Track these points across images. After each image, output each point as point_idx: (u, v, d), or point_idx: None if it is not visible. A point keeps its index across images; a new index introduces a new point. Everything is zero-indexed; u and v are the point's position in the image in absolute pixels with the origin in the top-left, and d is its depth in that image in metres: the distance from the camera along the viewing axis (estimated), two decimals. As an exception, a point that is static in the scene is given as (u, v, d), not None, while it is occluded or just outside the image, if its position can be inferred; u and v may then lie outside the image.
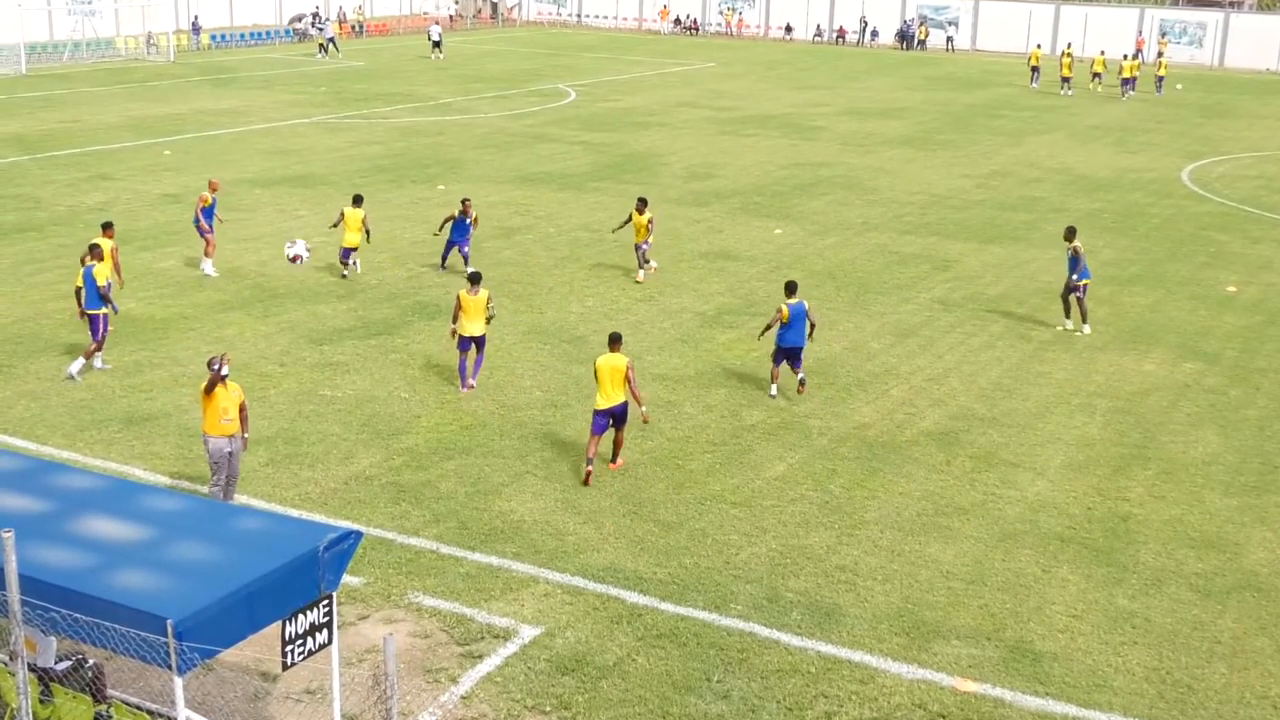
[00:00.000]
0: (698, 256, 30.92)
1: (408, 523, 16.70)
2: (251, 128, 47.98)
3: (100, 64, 67.69)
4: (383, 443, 19.26)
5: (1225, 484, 18.77)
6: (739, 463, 18.96)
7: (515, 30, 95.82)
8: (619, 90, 62.41)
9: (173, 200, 34.87)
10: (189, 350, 22.91)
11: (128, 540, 10.83)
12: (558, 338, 24.34)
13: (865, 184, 40.59)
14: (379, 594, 14.89)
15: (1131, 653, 14.21)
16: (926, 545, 16.56)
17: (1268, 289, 29.43)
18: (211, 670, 12.81)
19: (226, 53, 75.57)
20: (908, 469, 18.94)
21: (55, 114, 50.12)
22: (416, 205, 35.47)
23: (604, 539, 16.43)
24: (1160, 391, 22.57)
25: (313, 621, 10.71)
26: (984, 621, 14.77)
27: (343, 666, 12.55)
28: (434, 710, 12.72)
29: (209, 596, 9.86)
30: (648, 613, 14.68)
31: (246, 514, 12.26)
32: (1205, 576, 15.97)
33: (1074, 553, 16.48)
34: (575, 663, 13.61)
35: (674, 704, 12.94)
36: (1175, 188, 41.85)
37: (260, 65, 68.50)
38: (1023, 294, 28.50)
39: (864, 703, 13.08)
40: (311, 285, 27.34)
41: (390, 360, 22.81)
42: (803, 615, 14.74)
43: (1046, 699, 13.28)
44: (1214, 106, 62.89)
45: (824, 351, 23.87)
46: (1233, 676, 13.82)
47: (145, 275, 27.71)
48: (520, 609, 14.67)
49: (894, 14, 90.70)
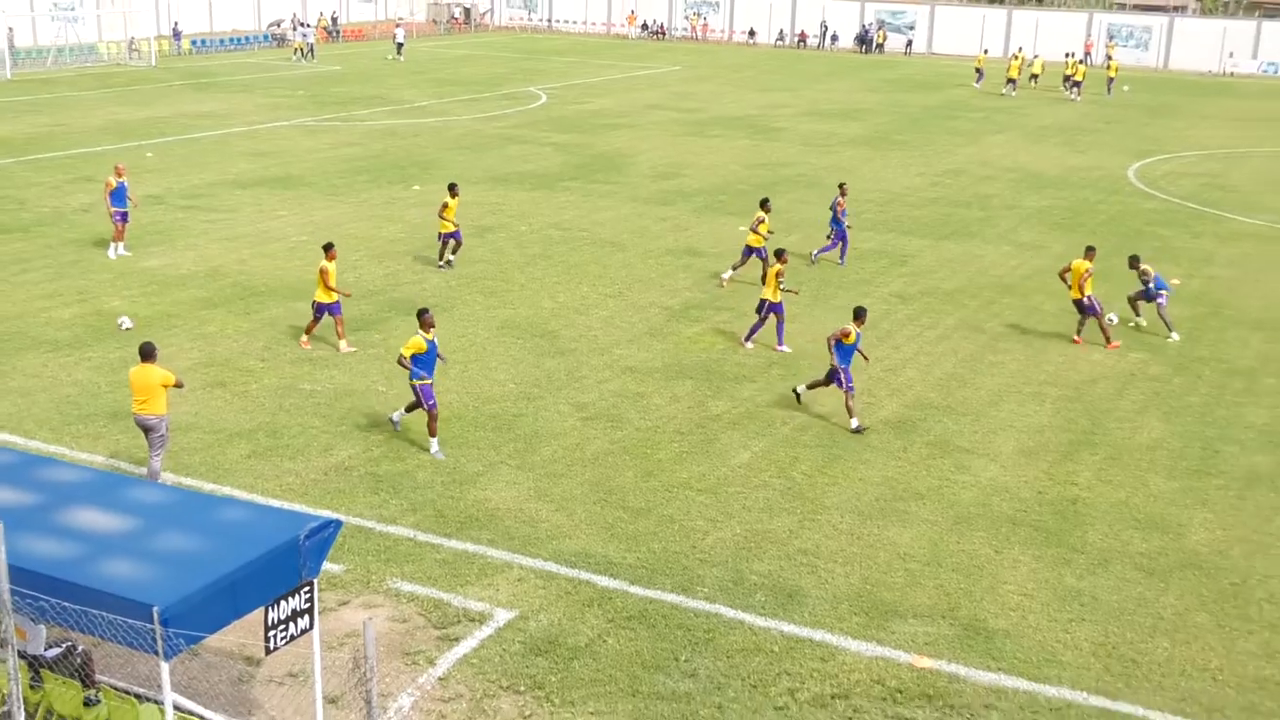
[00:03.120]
0: (665, 253, 30.97)
1: (386, 511, 16.71)
2: (232, 130, 47.73)
3: (84, 69, 67.17)
4: (361, 435, 19.26)
5: (1169, 468, 18.96)
6: (705, 451, 19.04)
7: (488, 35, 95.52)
8: (588, 93, 62.34)
9: (156, 201, 34.67)
10: (173, 347, 22.80)
11: (114, 531, 10.81)
12: (530, 332, 24.36)
13: (826, 183, 40.63)
14: (359, 580, 14.91)
15: (1079, 629, 14.36)
16: (884, 529, 16.68)
17: (1210, 282, 29.71)
18: (197, 655, 12.80)
19: (207, 57, 75.08)
20: (866, 456, 19.05)
21: (40, 118, 49.73)
22: (393, 205, 35.39)
23: (575, 525, 16.48)
24: (1107, 380, 22.77)
25: (294, 607, 10.72)
26: (939, 601, 14.89)
27: (324, 650, 12.58)
28: (412, 691, 12.75)
29: (193, 584, 9.86)
30: (618, 596, 14.74)
31: (229, 504, 12.26)
32: (1149, 556, 16.14)
33: (1025, 535, 16.63)
34: (548, 644, 13.66)
35: (643, 683, 13.01)
36: (1122, 185, 42.15)
37: (240, 70, 68.11)
38: (976, 288, 28.68)
39: (825, 680, 13.18)
40: (291, 283, 27.26)
41: (368, 355, 22.78)
42: (766, 597, 14.83)
43: (999, 674, 13.41)
44: (1159, 107, 63.30)
45: (789, 343, 23.96)
46: (1175, 650, 13.98)
47: (128, 274, 27.58)
48: (495, 593, 14.70)
49: (853, 19, 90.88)
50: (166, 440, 16.68)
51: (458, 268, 28.73)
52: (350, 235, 31.45)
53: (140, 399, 16.34)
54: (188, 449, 18.45)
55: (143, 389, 16.30)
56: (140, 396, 16.34)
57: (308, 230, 32.10)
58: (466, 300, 26.34)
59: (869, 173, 42.85)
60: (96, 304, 25.28)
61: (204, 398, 20.53)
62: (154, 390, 16.28)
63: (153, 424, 16.38)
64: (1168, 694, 13.16)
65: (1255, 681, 13.46)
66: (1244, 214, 37.70)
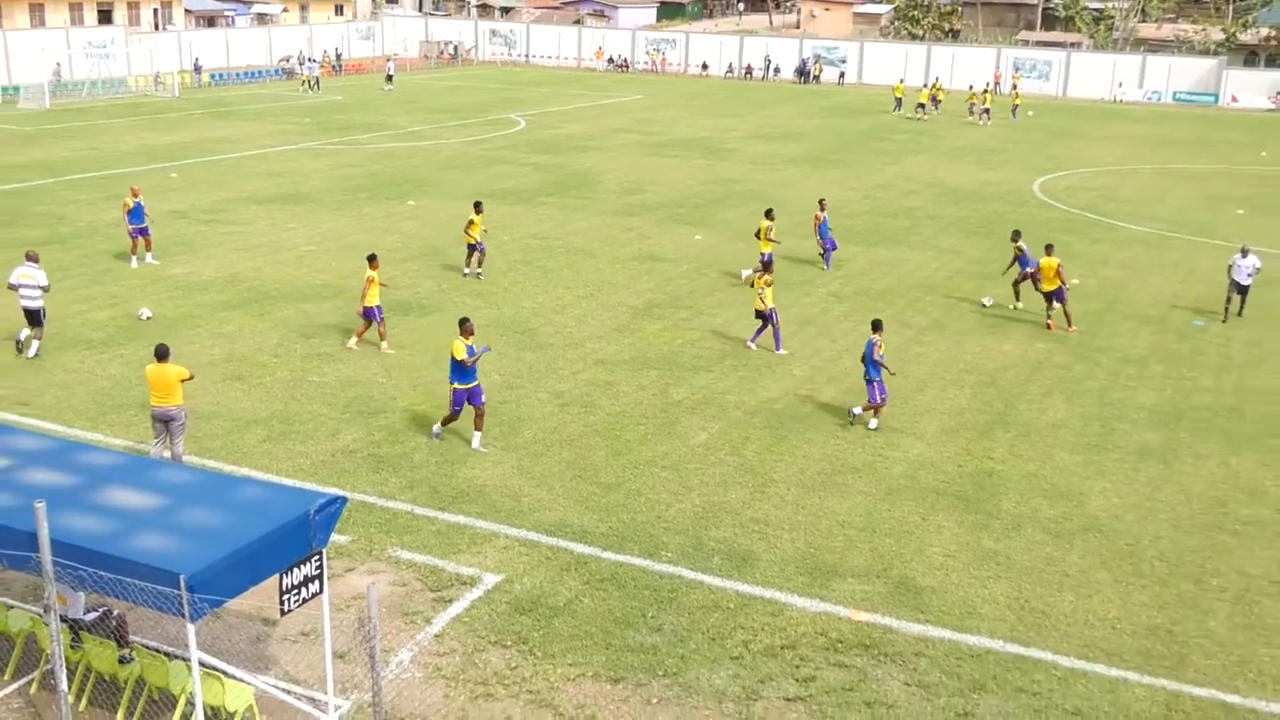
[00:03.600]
0: (630, 259, 30.87)
1: (386, 488, 16.57)
2: (247, 153, 47.29)
3: (114, 100, 66.36)
4: (364, 421, 19.09)
5: (1071, 443, 19.03)
6: (668, 433, 18.98)
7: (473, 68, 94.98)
8: (562, 119, 62.11)
9: (179, 216, 34.31)
10: (195, 345, 22.58)
11: (144, 508, 10.68)
12: (512, 329, 24.23)
13: (771, 196, 40.59)
14: (363, 549, 14.77)
15: (996, 585, 14.39)
16: (825, 499, 16.66)
17: (1105, 281, 29.86)
18: (219, 618, 12.68)
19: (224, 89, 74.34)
20: (809, 435, 19.03)
21: (75, 143, 49.11)
22: (390, 218, 35.14)
23: (554, 499, 16.39)
24: (1018, 368, 22.84)
25: (306, 574, 10.62)
26: (874, 562, 14.89)
27: (332, 611, 12.48)
28: (411, 647, 12.65)
29: (216, 554, 9.75)
30: (592, 560, 14.67)
31: (247, 484, 12.12)
32: (1056, 521, 16.20)
33: (948, 503, 16.65)
34: (531, 604, 13.58)
35: (615, 637, 12.95)
36: (1028, 198, 42.32)
37: (254, 100, 67.48)
38: (903, 288, 28.72)
39: (775, 632, 13.16)
40: (301, 288, 27.02)
41: (370, 351, 22.58)
42: (723, 560, 14.79)
43: (926, 625, 13.42)
44: (1060, 130, 63.61)
45: (737, 339, 23.93)
46: (1079, 603, 14.03)
47: (156, 281, 27.26)
48: (484, 560, 14.61)
49: (793, 54, 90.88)
50: (185, 427, 16.48)
51: (450, 273, 28.53)
52: (352, 245, 31.21)
53: (160, 394, 16.14)
54: (210, 435, 18.24)
55: (162, 385, 16.11)
56: (160, 392, 16.14)
57: (315, 240, 31.83)
58: (455, 301, 26.16)
59: (809, 188, 42.82)
60: (127, 307, 24.96)
61: (224, 389, 20.31)
62: (173, 385, 16.10)
63: (173, 414, 16.18)
64: (1073, 641, 13.20)
65: (1148, 629, 13.53)
66: (1133, 222, 37.94)
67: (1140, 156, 54.22)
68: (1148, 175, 48.76)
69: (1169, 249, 34.14)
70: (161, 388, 16.13)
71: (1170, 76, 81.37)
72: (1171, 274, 31.02)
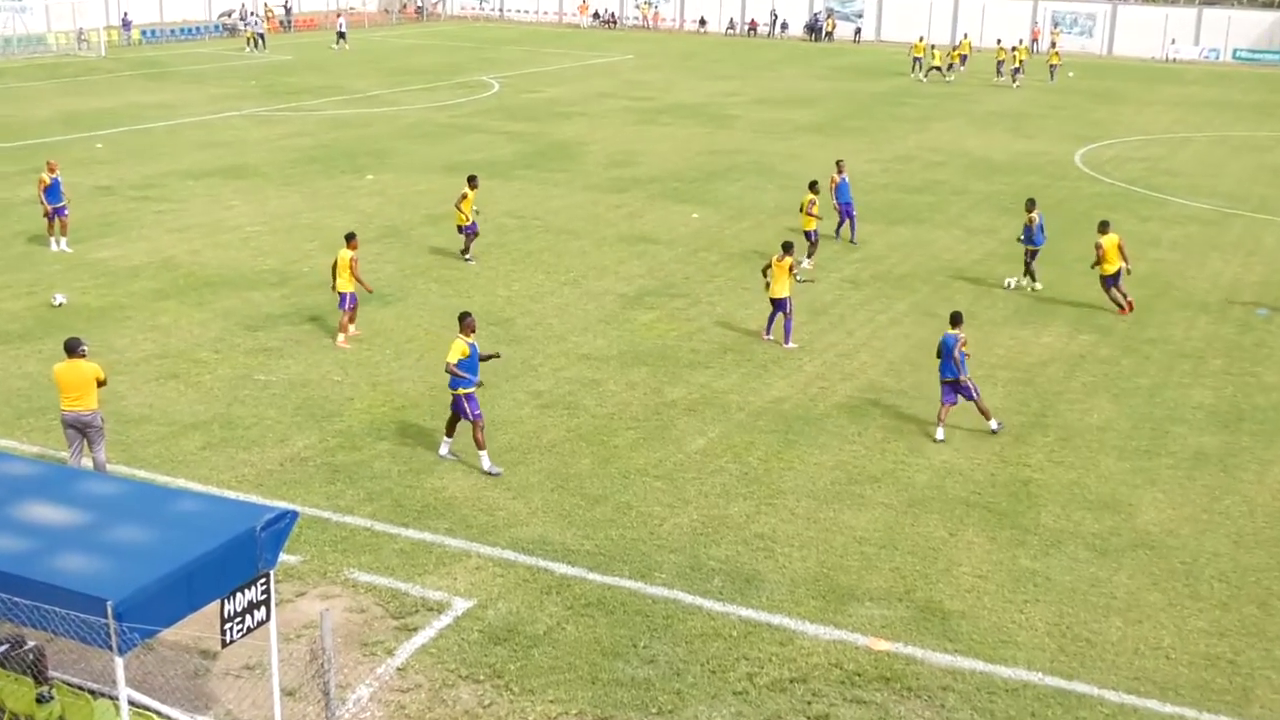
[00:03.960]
0: (618, 240, 30.85)
1: (343, 501, 16.53)
2: (183, 121, 47.17)
3: (31, 59, 66.19)
4: (317, 425, 19.05)
5: (1119, 448, 19.05)
6: (661, 438, 18.96)
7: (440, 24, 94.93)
8: (541, 82, 62.07)
9: (106, 192, 34.21)
10: (124, 339, 22.50)
11: (66, 524, 10.62)
12: (485, 320, 24.14)
13: (777, 169, 40.70)
14: (315, 571, 14.73)
15: (1034, 610, 14.39)
16: (840, 512, 16.66)
17: (1156, 264, 29.91)
18: (152, 649, 12.62)
19: (157, 48, 74.18)
20: (822, 440, 19.04)
21: (-12, 109, 48.99)
22: (346, 194, 35.08)
23: (533, 513, 16.36)
24: (1057, 362, 22.87)
25: (251, 599, 10.57)
26: (895, 584, 14.89)
27: (281, 642, 12.40)
28: (371, 682, 12.61)
29: (148, 577, 9.69)
30: (576, 583, 14.65)
31: (184, 496, 12.08)
32: (1101, 536, 16.21)
33: (979, 516, 16.66)
34: (507, 633, 13.55)
35: (603, 669, 12.93)
36: (1069, 170, 42.40)
37: (191, 60, 67.34)
38: (927, 273, 28.74)
39: (783, 664, 13.14)
40: (245, 273, 26.95)
41: (323, 345, 22.54)
42: (724, 582, 14.77)
43: (955, 655, 13.41)
44: (1104, 93, 63.75)
45: (740, 330, 23.94)
46: (1128, 629, 14.04)
47: (79, 266, 27.17)
48: (453, 582, 14.58)
49: (803, 7, 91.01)
50: (104, 433, 16.35)
51: (413, 256, 28.49)
52: (304, 225, 31.16)
53: (73, 395, 15.84)
54: (141, 441, 18.18)
55: (75, 385, 15.82)
56: (73, 393, 15.83)
57: (260, 220, 31.77)
58: (420, 289, 26.12)
59: (821, 159, 42.77)
60: (46, 296, 24.86)
61: (157, 389, 20.24)
62: (88, 385, 15.84)
63: (88, 419, 15.97)
64: (1122, 673, 13.21)
65: (1206, 659, 13.54)
66: (1188, 197, 38.02)
67: (1195, 123, 54.36)
68: (1203, 144, 48.88)
69: (1228, 228, 34.22)
70: (75, 388, 15.84)
71: (1230, 32, 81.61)
72: (1231, 256, 31.10)
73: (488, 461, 17.45)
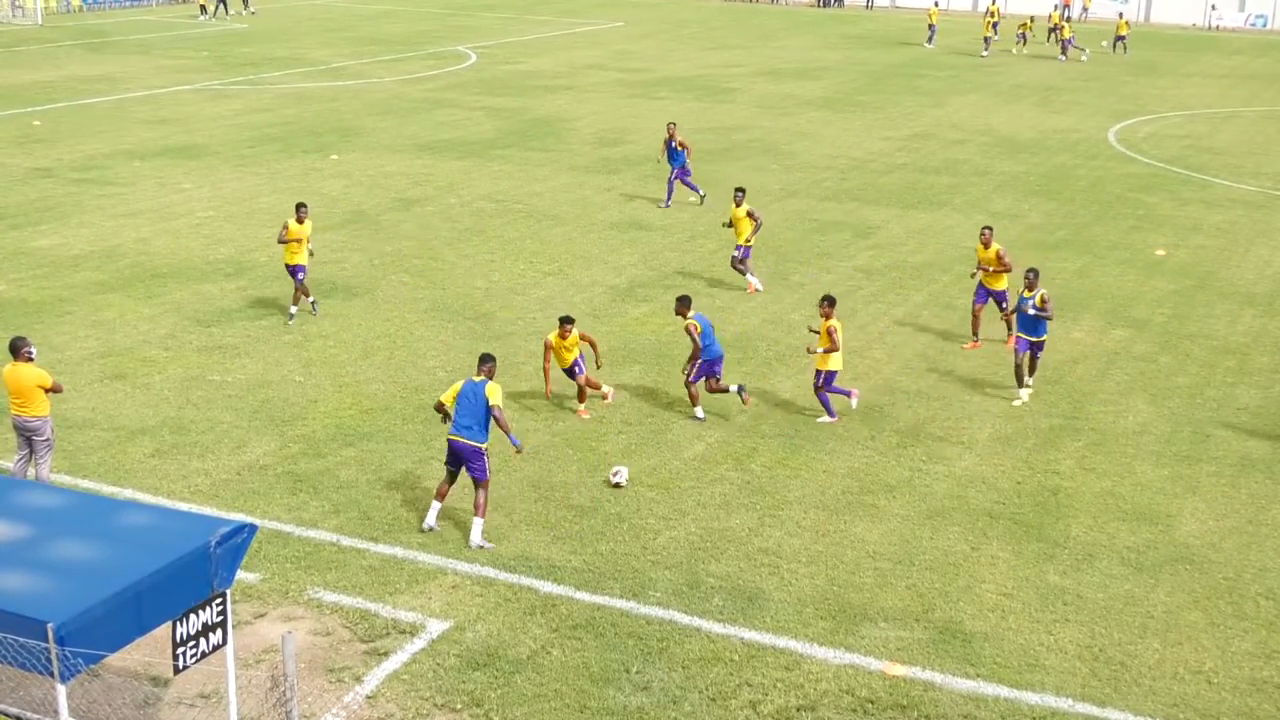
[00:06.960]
0: (608, 226, 30.90)
1: (306, 514, 16.55)
2: (129, 95, 47.13)
3: (-39, 28, 66.14)
4: (277, 430, 19.07)
5: (1156, 454, 19.12)
6: (655, 443, 19.00)
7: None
8: (523, 52, 62.09)
9: (44, 174, 34.18)
10: (65, 335, 22.50)
11: (3, 540, 10.63)
12: (461, 315, 24.22)
13: (783, 148, 40.77)
14: (276, 590, 14.76)
15: (1064, 630, 14.45)
16: (852, 524, 16.71)
17: (1197, 252, 30.00)
18: (97, 676, 12.62)
19: (99, 15, 74.09)
20: (831, 445, 19.08)
21: (-87, 83, 48.95)
22: (309, 176, 35.07)
23: (514, 526, 16.40)
24: (1089, 360, 22.94)
25: (205, 621, 10.60)
26: (912, 602, 14.94)
27: (239, 668, 12.45)
28: (338, 711, 12.64)
29: (93, 598, 9.72)
30: (562, 602, 14.68)
31: (132, 509, 12.10)
32: (1137, 550, 16.27)
33: (1003, 529, 16.72)
34: (487, 657, 13.58)
35: (592, 697, 12.97)
36: (1102, 148, 42.50)
37: (137, 28, 67.28)
38: (947, 261, 28.81)
39: (790, 690, 13.19)
40: (197, 264, 26.96)
41: (284, 342, 22.56)
42: (725, 601, 14.81)
43: (978, 680, 13.47)
44: (1140, 64, 63.89)
45: (742, 325, 24.00)
46: (1166, 651, 14.10)
47: (16, 255, 27.16)
48: (427, 602, 14.61)
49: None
50: (53, 444, 16.38)
51: (383, 244, 28.52)
52: (262, 210, 31.16)
53: (17, 401, 16.00)
54: (84, 448, 18.19)
55: (17, 390, 15.96)
56: (17, 399, 15.99)
57: (214, 205, 31.76)
58: (391, 281, 26.15)
59: (830, 137, 42.95)
60: (-21, 288, 24.88)
61: (102, 391, 20.25)
62: (31, 391, 15.95)
63: (35, 426, 16.04)
64: (1159, 699, 13.27)
65: (1251, 684, 13.61)
66: (1232, 179, 38.14)
67: (1240, 97, 54.50)
68: (1250, 120, 49.01)
69: (1276, 212, 34.33)
70: (17, 394, 15.98)
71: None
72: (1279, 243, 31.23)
73: (480, 533, 15.86)
